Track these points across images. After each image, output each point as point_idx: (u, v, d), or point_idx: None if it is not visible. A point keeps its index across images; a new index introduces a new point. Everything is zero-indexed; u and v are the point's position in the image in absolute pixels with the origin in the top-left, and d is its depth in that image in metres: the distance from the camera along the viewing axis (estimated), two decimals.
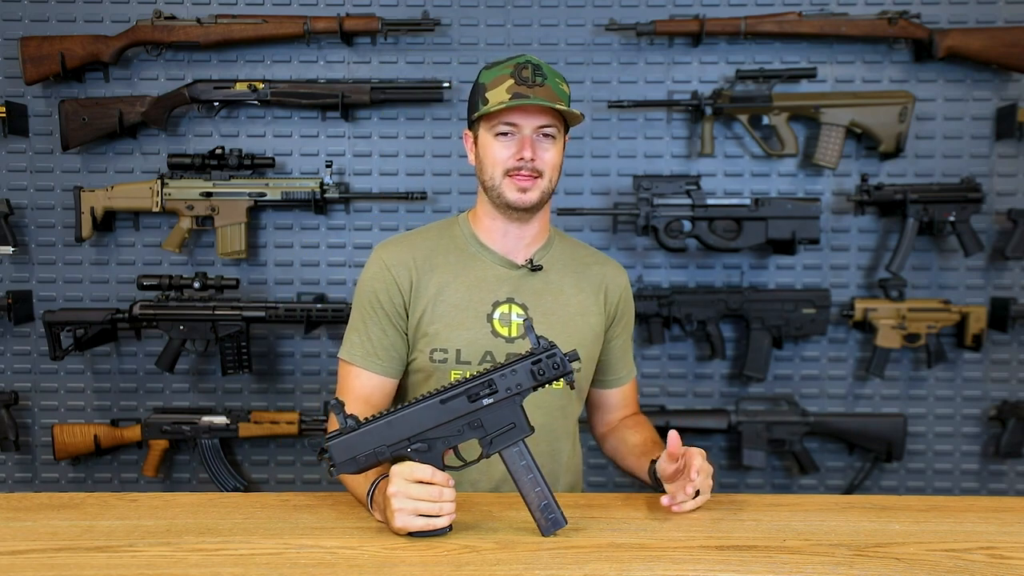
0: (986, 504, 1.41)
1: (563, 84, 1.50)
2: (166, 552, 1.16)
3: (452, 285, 1.51)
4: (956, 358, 2.54)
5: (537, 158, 1.45)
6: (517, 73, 1.44)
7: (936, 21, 2.44)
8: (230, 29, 2.39)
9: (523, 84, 1.43)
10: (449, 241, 1.56)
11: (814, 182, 2.51)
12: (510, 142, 1.46)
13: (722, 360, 2.52)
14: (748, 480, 2.58)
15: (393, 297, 1.51)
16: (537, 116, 1.45)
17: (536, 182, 1.46)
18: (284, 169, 2.51)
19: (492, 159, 1.47)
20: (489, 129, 1.47)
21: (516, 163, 1.45)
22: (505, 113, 1.44)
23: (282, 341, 2.55)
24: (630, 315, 1.67)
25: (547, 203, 1.53)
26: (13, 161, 2.50)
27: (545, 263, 1.56)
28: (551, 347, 1.23)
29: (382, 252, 1.55)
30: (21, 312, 2.48)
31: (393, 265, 1.52)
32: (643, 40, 2.47)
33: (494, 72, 1.47)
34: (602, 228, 2.51)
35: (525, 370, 1.22)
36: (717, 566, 1.12)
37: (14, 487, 2.58)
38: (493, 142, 1.47)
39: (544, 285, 1.54)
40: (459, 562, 1.12)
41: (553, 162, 1.48)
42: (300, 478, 2.59)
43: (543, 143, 1.46)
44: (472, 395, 1.22)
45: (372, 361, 1.51)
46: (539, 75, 1.45)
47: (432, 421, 1.21)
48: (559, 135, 1.49)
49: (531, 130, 1.45)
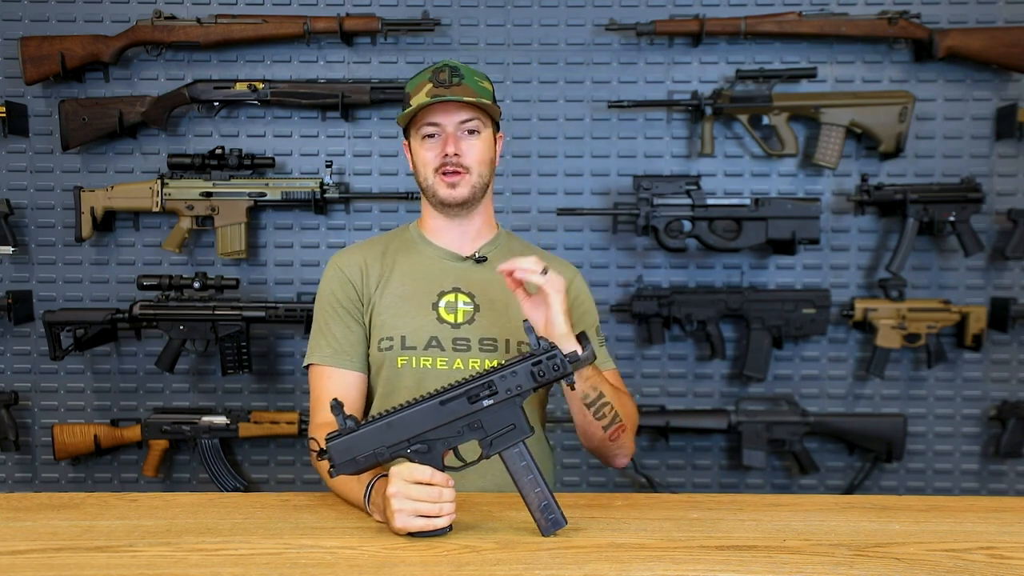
0: (986, 504, 1.41)
1: (484, 82, 1.55)
2: (166, 552, 1.16)
3: (399, 278, 1.57)
4: (956, 358, 2.54)
5: (461, 153, 1.50)
6: (435, 76, 1.51)
7: (936, 21, 2.44)
8: (230, 29, 2.39)
9: (440, 86, 1.49)
10: (399, 243, 1.63)
11: (814, 182, 2.51)
12: (435, 143, 1.52)
13: (722, 360, 2.52)
14: (748, 480, 2.58)
15: (348, 293, 1.57)
16: (456, 112, 1.50)
17: (463, 177, 1.51)
18: (284, 169, 2.51)
19: (422, 161, 1.54)
20: (416, 133, 1.53)
21: (441, 160, 1.50)
22: (425, 114, 1.50)
23: (282, 341, 2.55)
24: (583, 308, 1.62)
25: (485, 198, 1.57)
26: (13, 161, 2.51)
27: (491, 256, 1.59)
28: (551, 348, 1.23)
29: (335, 259, 1.62)
30: (21, 312, 2.48)
31: (345, 266, 1.59)
32: (643, 40, 2.47)
33: (416, 80, 1.55)
34: (602, 228, 2.51)
35: (526, 371, 1.22)
36: (717, 566, 1.12)
37: (14, 487, 2.58)
38: (421, 145, 1.53)
39: (490, 276, 1.55)
40: (459, 562, 1.12)
41: (480, 156, 1.52)
42: (300, 478, 2.59)
43: (466, 139, 1.51)
44: (472, 396, 1.21)
45: (342, 359, 1.54)
46: (456, 75, 1.51)
47: (432, 422, 1.21)
48: (484, 129, 1.53)
49: (453, 127, 1.50)
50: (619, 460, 1.53)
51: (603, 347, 1.62)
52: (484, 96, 1.51)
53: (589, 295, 1.66)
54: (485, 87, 1.54)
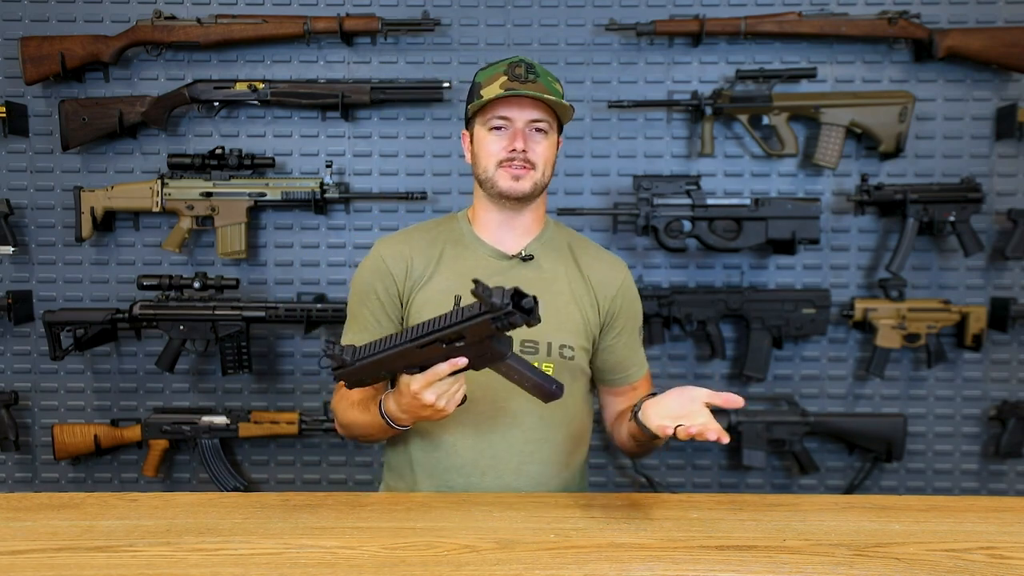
0: (986, 504, 1.41)
1: (556, 83, 1.54)
2: (166, 552, 1.16)
3: (443, 273, 1.56)
4: (956, 358, 2.54)
5: (529, 150, 1.50)
6: (511, 70, 1.50)
7: (936, 21, 2.44)
8: (230, 29, 2.39)
9: (516, 80, 1.49)
10: (447, 234, 1.61)
11: (814, 182, 2.51)
12: (503, 135, 1.50)
13: (722, 360, 2.52)
14: (748, 480, 2.58)
15: (388, 287, 1.56)
16: (529, 109, 1.49)
17: (529, 172, 1.51)
18: (284, 169, 2.51)
19: (486, 151, 1.52)
20: (483, 124, 1.52)
21: (508, 154, 1.49)
22: (498, 106, 1.49)
23: (282, 341, 2.55)
24: (633, 311, 1.64)
25: (541, 196, 1.57)
26: (13, 161, 2.51)
27: (537, 253, 1.58)
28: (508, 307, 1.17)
29: (380, 246, 1.60)
30: (21, 312, 2.48)
31: (388, 256, 1.57)
32: (643, 40, 2.47)
33: (489, 71, 1.53)
34: (602, 228, 2.51)
35: (487, 324, 1.19)
36: (717, 566, 1.12)
37: (14, 487, 2.58)
38: (487, 136, 1.51)
39: (535, 274, 1.55)
40: (459, 562, 1.12)
41: (545, 155, 1.52)
42: (300, 478, 2.59)
43: (535, 136, 1.51)
44: (446, 342, 1.24)
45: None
46: (532, 72, 1.50)
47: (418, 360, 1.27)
48: (551, 131, 1.53)
49: (523, 123, 1.49)
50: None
51: (642, 349, 1.66)
52: (557, 97, 1.51)
53: (637, 296, 1.66)
54: (558, 88, 1.53)
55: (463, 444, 1.52)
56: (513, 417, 1.52)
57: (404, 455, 1.59)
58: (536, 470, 1.54)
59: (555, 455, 1.56)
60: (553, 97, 1.48)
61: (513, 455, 1.53)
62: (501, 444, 1.52)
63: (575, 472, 1.63)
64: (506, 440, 1.52)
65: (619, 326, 1.61)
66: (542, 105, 1.49)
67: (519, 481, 1.53)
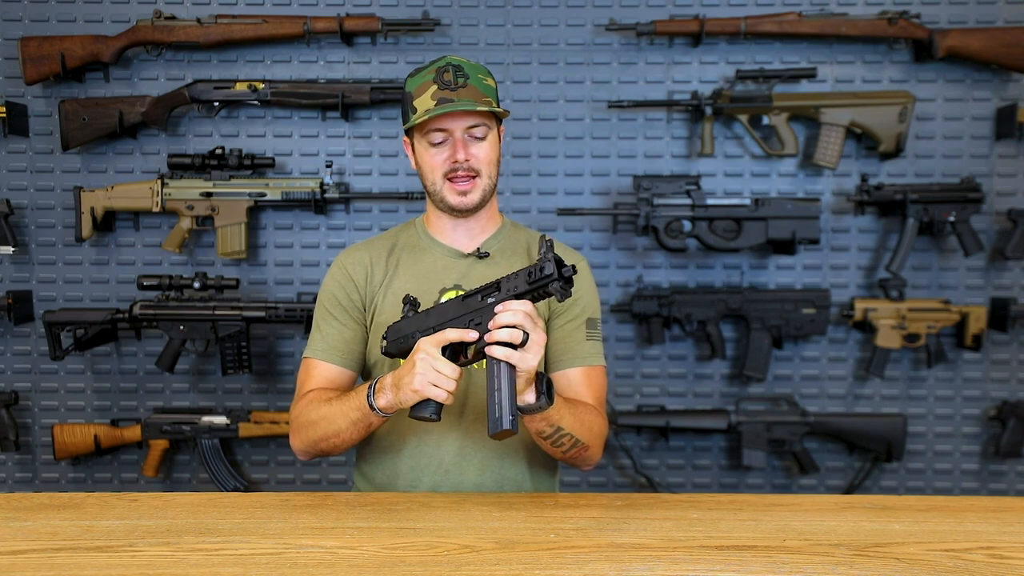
0: (986, 504, 1.41)
1: (487, 78, 1.53)
2: (166, 552, 1.16)
3: (402, 277, 1.58)
4: (956, 358, 2.54)
5: (471, 157, 1.50)
6: (439, 77, 1.48)
7: (936, 21, 2.44)
8: (230, 29, 2.39)
9: (446, 88, 1.47)
10: (404, 239, 1.64)
11: (814, 182, 2.51)
12: (443, 148, 1.51)
13: (722, 360, 2.52)
14: (748, 480, 2.58)
15: (350, 293, 1.58)
16: (464, 118, 1.49)
17: (475, 182, 1.52)
18: (284, 169, 2.51)
19: (430, 166, 1.53)
20: (422, 138, 1.52)
21: (452, 166, 1.50)
22: (433, 121, 1.48)
23: (282, 341, 2.55)
24: (584, 300, 1.60)
25: (492, 198, 1.58)
26: (13, 161, 2.51)
27: (493, 251, 1.60)
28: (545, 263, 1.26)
29: (341, 257, 1.64)
30: (21, 312, 2.48)
31: (350, 264, 1.61)
32: (643, 40, 2.47)
33: (418, 79, 1.51)
34: (602, 228, 2.51)
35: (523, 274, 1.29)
36: (717, 566, 1.12)
37: (14, 487, 2.58)
38: (428, 150, 1.52)
39: (492, 271, 1.56)
40: (459, 562, 1.12)
41: (488, 158, 1.52)
42: (300, 478, 2.59)
43: (474, 143, 1.51)
44: (484, 295, 1.33)
45: (331, 355, 1.57)
46: (460, 76, 1.49)
47: (452, 314, 1.35)
48: (491, 129, 1.52)
49: (461, 131, 1.49)
50: (583, 468, 1.56)
51: (594, 341, 1.59)
52: (489, 94, 1.50)
53: (592, 286, 1.63)
54: (489, 84, 1.53)
55: (426, 444, 1.54)
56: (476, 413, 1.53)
57: (371, 465, 1.60)
58: (499, 464, 1.55)
59: (516, 447, 1.56)
60: (486, 105, 1.47)
61: (476, 451, 1.53)
62: (466, 440, 1.53)
63: (540, 463, 1.61)
64: (470, 436, 1.53)
65: (565, 312, 1.58)
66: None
67: (484, 477, 1.53)
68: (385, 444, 1.58)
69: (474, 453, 1.54)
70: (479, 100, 1.47)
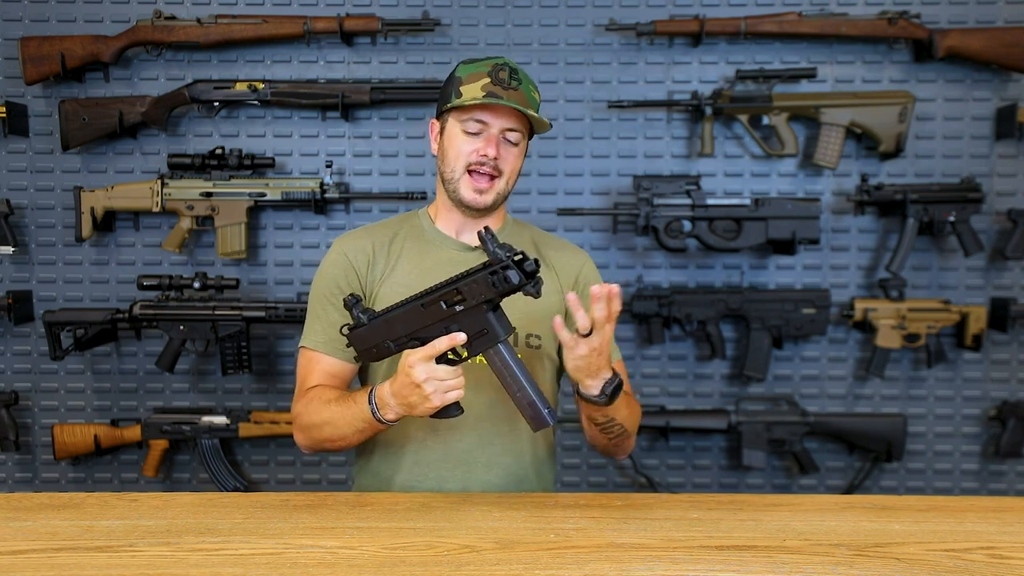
0: (986, 504, 1.41)
1: (535, 92, 1.53)
2: (166, 552, 1.16)
3: (406, 268, 1.56)
4: (956, 358, 2.54)
5: (500, 157, 1.49)
6: (494, 73, 1.48)
7: (936, 21, 2.44)
8: (230, 29, 2.39)
9: (499, 84, 1.47)
10: (408, 229, 1.61)
11: (814, 182, 2.51)
12: (476, 139, 1.49)
13: (722, 360, 2.52)
14: (748, 480, 2.58)
15: (351, 282, 1.56)
16: (506, 118, 1.49)
17: (494, 183, 1.51)
18: (284, 169, 2.51)
19: (456, 151, 1.51)
20: (458, 122, 1.50)
21: (479, 158, 1.49)
22: (477, 110, 1.48)
23: (282, 341, 2.55)
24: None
25: (502, 203, 1.58)
26: (13, 161, 2.51)
27: None
28: (506, 260, 1.24)
29: (340, 242, 1.61)
30: (21, 312, 2.48)
31: (350, 250, 1.58)
32: (643, 40, 2.47)
33: (472, 68, 1.51)
34: (602, 228, 2.51)
35: (484, 280, 1.26)
36: (717, 566, 1.12)
37: (14, 487, 2.58)
38: (460, 135, 1.50)
39: None
40: (459, 562, 1.12)
41: (513, 165, 1.52)
42: (300, 478, 2.59)
43: (506, 146, 1.50)
44: (447, 301, 1.29)
45: (333, 347, 1.54)
46: (515, 79, 1.49)
47: (419, 322, 1.32)
48: (522, 141, 1.53)
49: (498, 129, 1.49)
50: (619, 456, 1.59)
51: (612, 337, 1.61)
52: (533, 106, 1.50)
53: (600, 281, 1.62)
54: (535, 97, 1.52)
55: (432, 440, 1.53)
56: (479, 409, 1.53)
57: (375, 459, 1.59)
58: (507, 461, 1.55)
59: (522, 444, 1.56)
60: (533, 112, 1.48)
61: (483, 447, 1.53)
62: (472, 436, 1.53)
63: (544, 459, 1.62)
64: (476, 432, 1.53)
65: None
66: (520, 115, 1.49)
67: (490, 474, 1.53)
68: (388, 439, 1.57)
69: (480, 451, 1.54)
70: (525, 107, 1.47)
